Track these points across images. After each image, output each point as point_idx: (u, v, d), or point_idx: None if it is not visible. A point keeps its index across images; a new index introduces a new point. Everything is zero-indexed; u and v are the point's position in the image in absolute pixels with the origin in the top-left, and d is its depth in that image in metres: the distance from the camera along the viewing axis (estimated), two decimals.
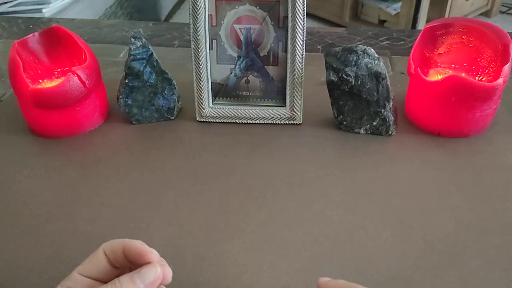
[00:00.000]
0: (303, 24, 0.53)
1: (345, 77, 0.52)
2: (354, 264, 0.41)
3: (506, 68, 0.51)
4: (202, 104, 0.58)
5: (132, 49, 0.55)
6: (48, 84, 0.58)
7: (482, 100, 0.52)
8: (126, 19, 2.09)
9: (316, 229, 0.45)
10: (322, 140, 0.56)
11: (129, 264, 0.32)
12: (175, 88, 0.59)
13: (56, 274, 0.41)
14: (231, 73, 0.58)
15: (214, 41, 0.56)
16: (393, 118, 0.55)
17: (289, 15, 0.53)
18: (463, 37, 0.58)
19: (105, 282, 0.31)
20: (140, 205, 0.48)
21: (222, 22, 0.56)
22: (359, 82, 0.53)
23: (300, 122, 0.58)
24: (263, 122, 0.59)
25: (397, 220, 0.45)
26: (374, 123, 0.55)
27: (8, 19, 0.93)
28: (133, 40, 0.55)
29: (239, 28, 0.56)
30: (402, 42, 0.79)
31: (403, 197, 0.48)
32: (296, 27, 0.53)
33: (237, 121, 0.59)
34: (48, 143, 0.57)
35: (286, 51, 0.55)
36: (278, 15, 0.55)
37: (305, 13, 0.53)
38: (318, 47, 0.78)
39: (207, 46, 0.56)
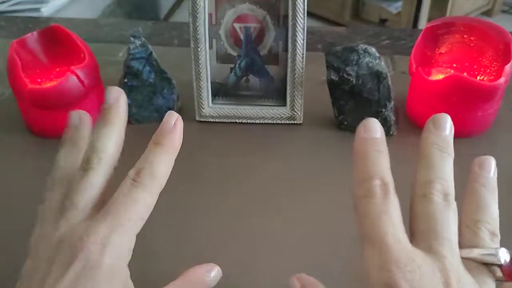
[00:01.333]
0: (304, 23, 0.53)
1: (346, 76, 0.52)
2: (355, 264, 0.41)
3: (507, 67, 0.51)
4: (202, 103, 0.58)
5: (131, 48, 0.55)
6: (47, 83, 0.58)
7: (483, 100, 0.52)
8: (125, 18, 2.08)
9: (316, 229, 0.44)
10: (322, 140, 0.56)
11: None
12: (175, 87, 0.58)
13: None
14: (231, 72, 0.58)
15: (214, 40, 0.56)
16: (394, 118, 0.55)
17: (290, 14, 0.53)
18: (465, 36, 0.57)
19: None
20: None
21: (222, 21, 0.55)
22: (360, 82, 0.52)
23: (301, 122, 0.58)
24: (263, 122, 0.58)
25: None
26: None
27: (7, 18, 0.93)
28: (132, 39, 0.55)
29: (239, 27, 0.55)
30: (403, 41, 0.78)
31: (404, 197, 0.48)
32: (297, 26, 0.53)
33: (237, 120, 0.58)
34: (47, 143, 0.57)
35: (286, 50, 0.55)
36: (278, 14, 0.54)
37: (305, 12, 0.52)
38: (319, 46, 0.78)
39: (207, 45, 0.55)
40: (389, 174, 0.25)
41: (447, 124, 0.26)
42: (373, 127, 0.27)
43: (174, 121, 0.28)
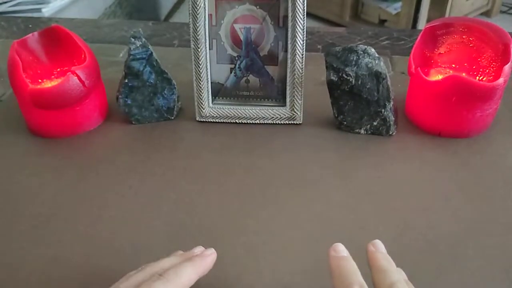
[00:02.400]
0: (303, 23, 0.53)
1: (346, 77, 0.52)
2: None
3: (506, 68, 0.51)
4: (202, 104, 0.58)
5: (131, 48, 0.55)
6: (47, 84, 0.58)
7: (482, 100, 0.52)
8: (125, 19, 2.09)
9: (316, 229, 0.45)
10: (322, 140, 0.56)
11: None
12: (175, 88, 0.59)
13: (56, 275, 0.41)
14: (231, 73, 0.58)
15: (214, 40, 0.56)
16: (393, 118, 0.55)
17: (289, 14, 0.53)
18: (464, 37, 0.57)
19: None
20: (140, 205, 0.48)
21: (222, 21, 0.56)
22: (359, 82, 0.52)
23: (300, 122, 0.58)
24: (263, 122, 0.58)
25: (398, 220, 0.45)
26: (375, 123, 0.55)
27: (8, 18, 0.93)
28: (132, 39, 0.55)
29: (239, 28, 0.56)
30: (403, 41, 0.79)
31: (404, 197, 0.48)
32: (296, 27, 0.53)
33: (237, 121, 0.59)
34: (47, 143, 0.57)
35: (286, 50, 0.55)
36: (278, 15, 0.54)
37: (305, 13, 0.53)
38: (318, 46, 0.78)
39: (207, 45, 0.55)
40: (364, 282, 0.31)
41: (382, 246, 0.35)
42: (341, 249, 0.34)
43: (210, 253, 0.36)
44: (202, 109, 0.58)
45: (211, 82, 0.58)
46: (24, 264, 0.42)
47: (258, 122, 0.58)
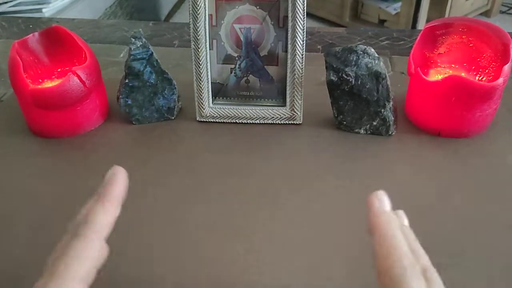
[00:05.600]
0: (303, 24, 0.53)
1: (345, 77, 0.52)
2: (355, 264, 0.41)
3: (506, 68, 0.51)
4: (202, 104, 0.58)
5: (132, 49, 0.55)
6: (48, 84, 0.58)
7: (482, 100, 0.52)
8: (126, 19, 2.09)
9: (316, 229, 0.45)
10: (322, 140, 0.56)
11: None
12: (175, 88, 0.59)
13: None
14: (231, 73, 0.58)
15: (214, 41, 0.56)
16: (393, 118, 0.55)
17: (289, 15, 0.53)
18: (463, 37, 0.57)
19: None
20: (139, 205, 0.48)
21: (222, 21, 0.56)
22: (359, 82, 0.53)
23: (300, 122, 0.58)
24: (263, 122, 0.59)
25: None
26: (374, 123, 0.55)
27: (8, 19, 0.93)
28: (133, 40, 0.55)
29: (239, 28, 0.56)
30: (402, 42, 0.79)
31: (403, 196, 0.48)
32: (296, 27, 0.53)
33: (237, 121, 0.59)
34: (48, 143, 0.57)
35: (286, 51, 0.55)
36: (278, 15, 0.55)
37: (305, 13, 0.53)
38: (318, 47, 0.78)
39: (207, 46, 0.56)
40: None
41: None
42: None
43: (115, 177, 0.32)
44: (202, 109, 0.59)
45: (211, 82, 0.58)
46: (23, 264, 0.42)
47: (258, 122, 0.59)
